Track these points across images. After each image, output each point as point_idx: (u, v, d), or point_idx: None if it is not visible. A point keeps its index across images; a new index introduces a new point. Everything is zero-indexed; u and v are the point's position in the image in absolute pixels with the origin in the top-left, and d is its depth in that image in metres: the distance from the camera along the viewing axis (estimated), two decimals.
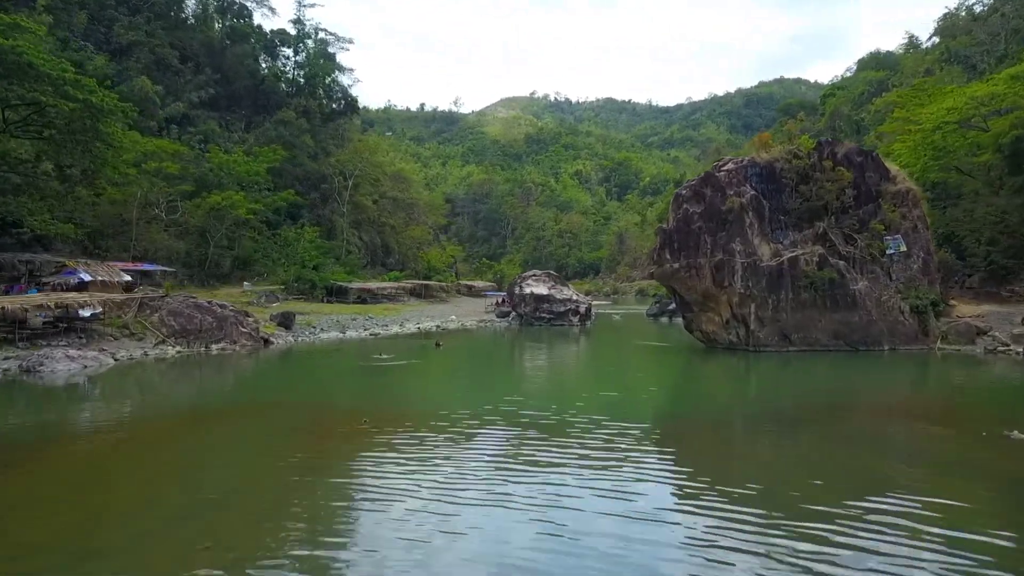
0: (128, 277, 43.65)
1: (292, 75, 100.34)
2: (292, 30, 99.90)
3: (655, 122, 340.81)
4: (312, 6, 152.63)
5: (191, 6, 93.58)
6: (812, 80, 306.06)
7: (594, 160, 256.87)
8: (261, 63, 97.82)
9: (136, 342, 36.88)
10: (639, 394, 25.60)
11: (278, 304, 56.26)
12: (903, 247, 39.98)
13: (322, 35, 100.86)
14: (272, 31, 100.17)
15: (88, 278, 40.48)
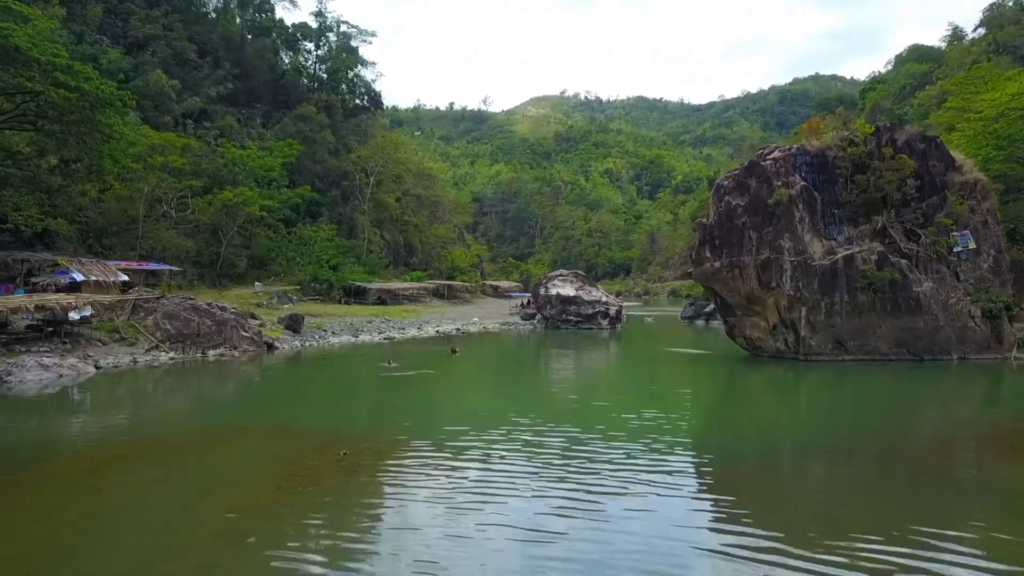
0: (125, 277, 40.98)
1: (313, 69, 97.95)
2: (313, 23, 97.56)
3: (687, 120, 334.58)
4: None
5: (212, 0, 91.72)
6: (848, 77, 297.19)
7: (625, 158, 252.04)
8: (282, 57, 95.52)
9: (127, 347, 34.03)
10: (675, 414, 21.91)
11: (290, 306, 53.40)
12: (972, 244, 35.67)
13: (344, 28, 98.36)
14: (293, 25, 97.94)
15: (80, 278, 37.84)
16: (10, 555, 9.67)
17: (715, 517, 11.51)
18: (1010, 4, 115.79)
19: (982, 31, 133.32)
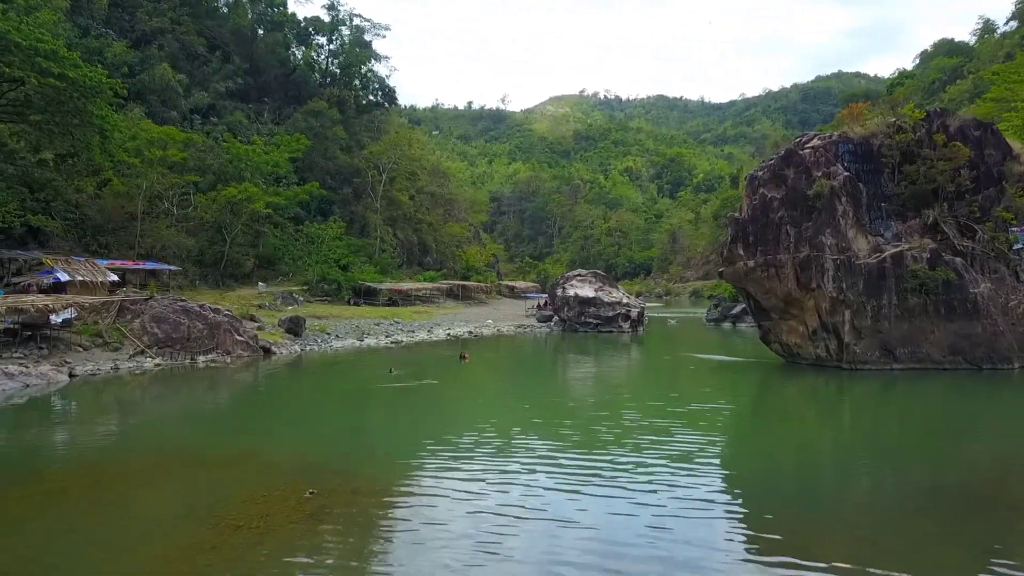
0: (114, 277, 38.59)
1: (325, 64, 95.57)
2: (326, 17, 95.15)
3: (707, 119, 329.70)
4: None
5: None
6: (872, 74, 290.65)
7: (645, 156, 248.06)
8: (294, 52, 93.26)
9: (110, 353, 31.60)
10: (705, 433, 19.05)
11: (294, 308, 50.89)
12: None
13: (357, 22, 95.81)
14: (305, 19, 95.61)
15: (65, 278, 35.50)
16: None
17: (747, 559, 9.84)
18: None
19: (1014, 24, 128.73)
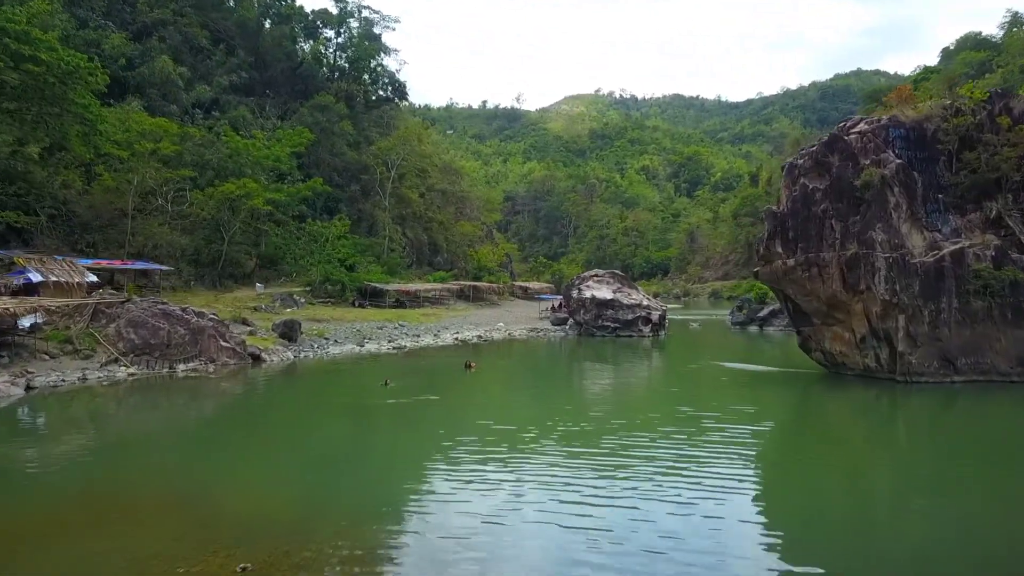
0: (93, 277, 35.73)
1: (333, 58, 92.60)
2: (334, 9, 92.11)
3: (724, 118, 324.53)
4: None
5: None
6: (892, 72, 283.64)
7: (662, 155, 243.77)
8: (301, 46, 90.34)
9: (80, 361, 28.69)
10: (740, 462, 15.95)
11: (292, 311, 47.92)
12: None
13: (366, 14, 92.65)
14: (313, 11, 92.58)
15: (38, 278, 32.65)
16: None
17: None
18: None
19: None
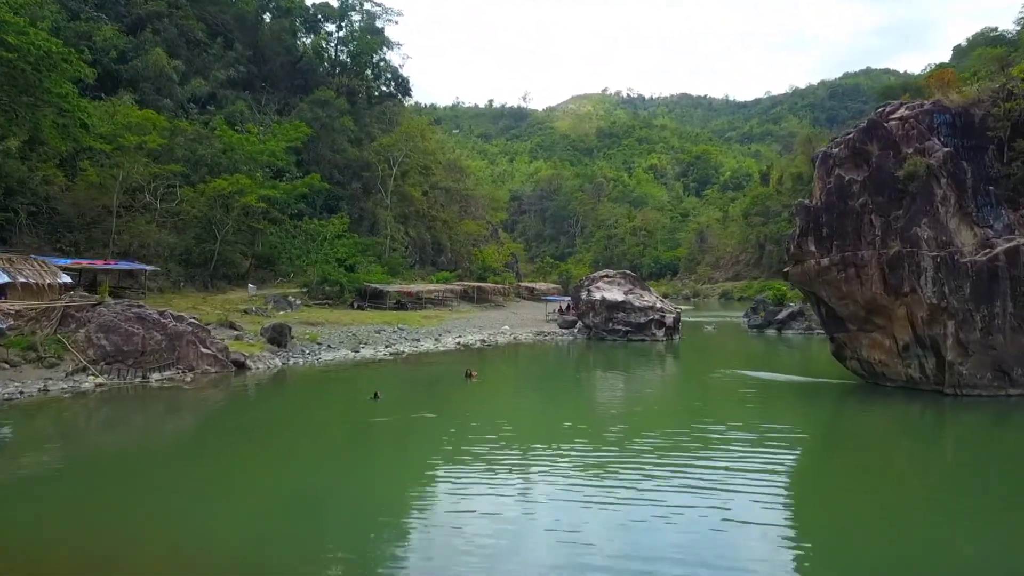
0: (66, 278, 33.25)
1: (335, 52, 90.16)
2: (335, 1, 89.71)
3: (732, 117, 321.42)
4: None
5: None
6: (902, 70, 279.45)
7: (670, 154, 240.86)
8: (302, 40, 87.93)
9: (43, 370, 26.19)
10: (774, 499, 13.30)
11: (285, 313, 45.42)
12: None
13: (368, 6, 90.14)
14: (314, 4, 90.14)
15: (4, 279, 30.18)
16: None
17: None
18: None
19: None
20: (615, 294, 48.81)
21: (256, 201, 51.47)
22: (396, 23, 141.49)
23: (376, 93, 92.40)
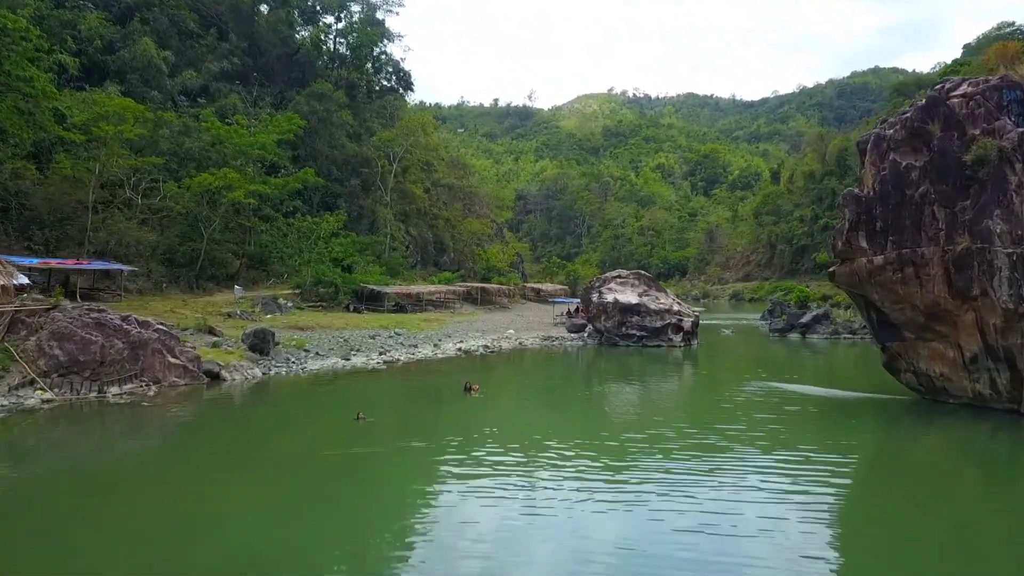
0: (23, 279, 30.02)
1: (334, 45, 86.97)
2: None
3: (739, 116, 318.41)
4: None
5: None
6: (910, 69, 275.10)
7: (677, 153, 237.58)
8: (299, 31, 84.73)
9: None
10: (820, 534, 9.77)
11: (273, 317, 42.22)
12: None
13: None
14: None
15: None
16: None
17: None
18: None
19: None
20: (629, 296, 45.43)
21: (245, 197, 48.21)
22: (397, 14, 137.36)
23: (377, 87, 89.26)
